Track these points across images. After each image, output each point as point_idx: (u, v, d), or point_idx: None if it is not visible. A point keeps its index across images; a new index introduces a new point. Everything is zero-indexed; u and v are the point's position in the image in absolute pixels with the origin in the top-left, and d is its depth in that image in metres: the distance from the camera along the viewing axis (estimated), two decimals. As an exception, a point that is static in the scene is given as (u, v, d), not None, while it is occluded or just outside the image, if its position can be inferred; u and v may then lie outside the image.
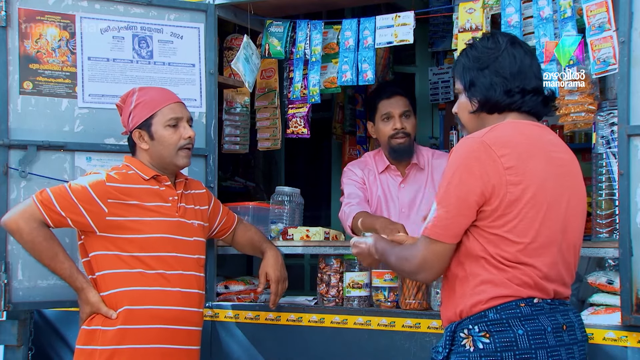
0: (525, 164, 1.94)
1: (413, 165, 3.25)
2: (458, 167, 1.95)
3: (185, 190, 2.73)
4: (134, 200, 2.57)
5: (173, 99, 2.69)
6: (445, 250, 1.98)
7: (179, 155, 2.65)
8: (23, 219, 2.51)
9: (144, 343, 2.53)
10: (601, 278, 2.56)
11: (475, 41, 2.13)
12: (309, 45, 3.27)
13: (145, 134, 2.64)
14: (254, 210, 3.29)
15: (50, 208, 2.51)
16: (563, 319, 1.97)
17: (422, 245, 2.01)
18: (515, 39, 2.11)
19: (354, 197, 3.19)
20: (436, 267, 2.01)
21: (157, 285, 2.55)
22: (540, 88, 2.08)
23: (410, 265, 2.04)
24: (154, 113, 2.63)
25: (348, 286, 2.89)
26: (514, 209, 1.92)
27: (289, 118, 3.36)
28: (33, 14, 2.92)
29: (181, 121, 2.66)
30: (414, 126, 3.25)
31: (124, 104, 2.70)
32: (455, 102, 2.18)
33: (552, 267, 1.97)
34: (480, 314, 1.93)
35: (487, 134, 1.97)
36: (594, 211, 2.63)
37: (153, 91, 2.71)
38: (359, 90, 5.09)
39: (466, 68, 2.09)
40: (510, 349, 1.89)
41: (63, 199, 2.52)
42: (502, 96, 2.04)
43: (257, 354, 2.97)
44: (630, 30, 2.44)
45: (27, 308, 3.02)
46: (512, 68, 2.03)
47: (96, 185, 2.54)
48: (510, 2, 2.75)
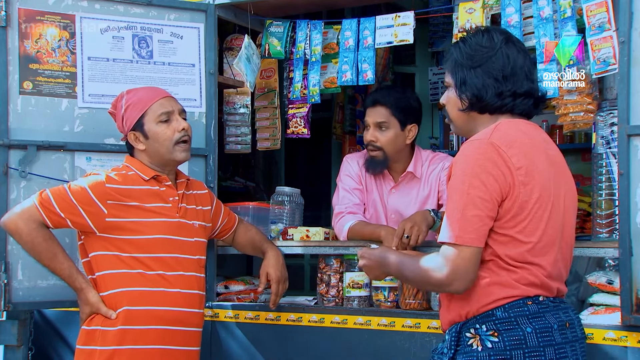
0: (531, 164, 1.94)
1: (408, 173, 3.11)
2: (473, 169, 1.91)
3: (187, 191, 2.72)
4: (133, 202, 2.57)
5: (161, 94, 2.68)
6: (476, 254, 1.90)
7: (177, 150, 2.63)
8: (22, 220, 2.51)
9: (143, 344, 2.53)
10: (601, 278, 2.56)
11: (469, 36, 2.10)
12: (309, 45, 3.27)
13: (139, 134, 2.64)
14: (254, 211, 3.29)
15: (50, 209, 2.51)
16: (565, 316, 1.98)
17: (449, 254, 1.90)
18: (510, 36, 2.08)
19: (346, 202, 3.11)
20: (471, 273, 1.90)
21: (157, 286, 2.55)
22: (532, 91, 2.06)
23: (440, 276, 1.90)
24: (144, 112, 2.62)
25: (348, 286, 2.89)
26: (525, 209, 1.92)
27: (289, 118, 3.36)
28: (33, 14, 2.92)
29: (172, 115, 2.64)
30: (389, 140, 3.02)
31: (116, 110, 2.70)
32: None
33: (554, 265, 1.98)
34: (487, 313, 1.93)
35: (493, 135, 1.95)
36: (594, 211, 2.63)
37: (141, 91, 2.70)
38: (359, 90, 5.10)
39: (458, 64, 2.07)
40: (519, 347, 1.89)
41: (62, 200, 2.52)
42: (494, 98, 2.02)
43: (257, 354, 2.97)
44: (630, 30, 2.44)
45: (27, 308, 3.02)
46: (505, 69, 2.01)
47: (96, 186, 2.54)
48: (510, 2, 2.75)
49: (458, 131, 2.19)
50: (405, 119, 3.04)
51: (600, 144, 2.59)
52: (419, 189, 3.10)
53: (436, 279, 1.92)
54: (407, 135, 3.07)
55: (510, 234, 1.92)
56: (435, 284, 1.95)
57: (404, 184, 3.13)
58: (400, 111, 3.03)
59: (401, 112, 3.03)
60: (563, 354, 1.92)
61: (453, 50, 2.10)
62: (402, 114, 3.03)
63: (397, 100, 3.04)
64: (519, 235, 1.92)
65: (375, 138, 3.04)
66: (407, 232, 2.66)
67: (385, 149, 3.04)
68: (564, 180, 2.05)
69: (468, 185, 1.90)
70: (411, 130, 3.07)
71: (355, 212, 3.08)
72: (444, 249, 1.92)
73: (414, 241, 2.66)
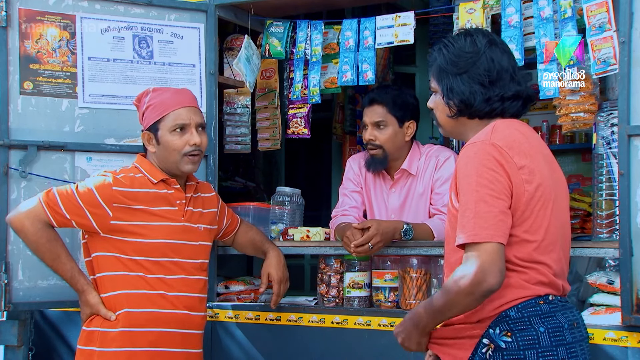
0: (532, 163, 1.94)
1: (403, 170, 3.12)
2: (478, 169, 1.89)
3: (195, 194, 2.70)
4: (139, 205, 2.55)
5: (183, 102, 2.61)
6: (498, 249, 1.82)
7: (184, 161, 2.59)
8: (29, 219, 2.51)
9: (143, 346, 2.52)
10: (601, 278, 2.56)
11: (452, 41, 2.07)
12: (309, 45, 3.27)
13: (152, 137, 2.61)
14: (255, 211, 3.29)
15: (56, 210, 2.51)
16: (572, 315, 1.98)
17: (470, 254, 1.84)
18: (493, 38, 2.06)
19: (343, 205, 3.18)
20: (499, 263, 1.81)
21: (158, 289, 2.54)
22: (519, 92, 2.04)
23: (470, 277, 1.81)
24: (161, 117, 2.58)
25: (348, 286, 2.89)
26: (529, 207, 1.91)
27: (289, 118, 3.36)
28: (33, 14, 2.92)
29: (188, 127, 2.59)
30: (388, 137, 3.03)
31: (139, 104, 2.66)
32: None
33: (558, 262, 1.98)
34: (500, 315, 1.91)
35: (493, 136, 1.94)
36: (594, 211, 2.63)
37: (166, 93, 2.64)
38: (359, 90, 5.09)
39: (442, 70, 2.05)
40: (532, 347, 1.88)
41: (69, 202, 2.52)
42: (482, 104, 2.01)
43: (257, 354, 2.97)
44: (630, 30, 2.44)
45: (27, 308, 3.02)
46: (491, 74, 2.00)
47: (102, 188, 2.53)
48: (510, 2, 2.75)
49: (448, 135, 2.19)
50: (402, 116, 3.06)
51: (600, 144, 2.59)
52: (416, 186, 3.11)
53: (467, 282, 1.81)
54: (406, 133, 3.08)
55: (517, 234, 1.91)
56: (469, 289, 1.82)
57: (402, 182, 3.14)
58: (397, 108, 3.04)
59: (398, 110, 3.04)
60: (573, 353, 1.92)
61: (437, 56, 2.08)
62: (400, 111, 3.05)
63: (393, 98, 3.06)
64: (526, 235, 1.91)
65: (374, 137, 3.06)
66: (372, 243, 2.70)
67: (384, 147, 3.05)
68: (559, 179, 2.06)
69: (475, 184, 1.88)
70: (409, 127, 3.08)
71: (347, 214, 3.12)
72: (465, 254, 1.86)
73: (369, 252, 2.73)
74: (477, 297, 1.83)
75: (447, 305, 1.89)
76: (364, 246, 2.70)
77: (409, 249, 2.81)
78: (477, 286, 1.81)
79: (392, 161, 3.11)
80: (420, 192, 3.09)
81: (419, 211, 3.08)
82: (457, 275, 1.84)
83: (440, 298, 1.90)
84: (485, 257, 1.81)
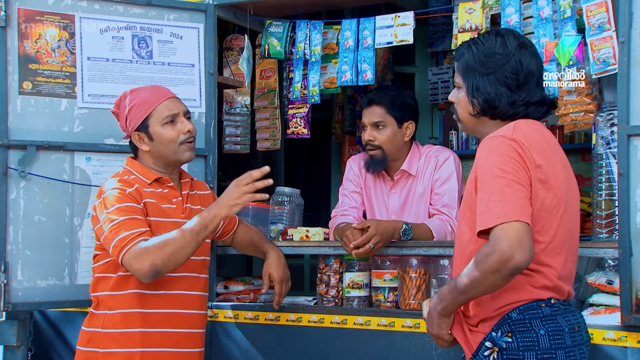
0: (548, 163, 1.94)
1: (403, 171, 3.11)
2: (501, 159, 1.88)
3: (191, 191, 2.71)
4: (148, 199, 2.54)
5: (166, 95, 2.63)
6: (526, 228, 1.80)
7: (181, 150, 2.60)
8: (132, 261, 2.37)
9: (144, 346, 2.51)
10: (601, 278, 2.56)
11: (483, 39, 2.05)
12: (308, 45, 3.27)
13: (144, 135, 2.60)
14: (254, 211, 3.28)
15: (134, 225, 2.40)
16: (574, 319, 1.99)
17: (498, 233, 1.80)
18: (524, 41, 2.05)
19: (342, 205, 3.18)
20: (528, 242, 1.78)
21: (160, 288, 2.54)
22: (544, 98, 2.04)
23: (499, 252, 1.77)
24: (149, 114, 2.58)
25: (348, 286, 2.89)
26: (542, 207, 1.91)
27: (289, 118, 3.36)
28: (32, 14, 2.92)
29: (178, 117, 2.61)
30: (387, 138, 3.03)
31: (119, 110, 2.66)
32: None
33: (564, 266, 1.98)
34: (503, 317, 1.93)
35: (514, 132, 1.93)
36: (593, 211, 2.63)
37: (145, 91, 2.65)
38: (359, 90, 5.09)
39: (470, 68, 2.04)
40: (532, 349, 1.89)
41: (122, 202, 2.44)
42: (507, 107, 2.01)
43: (257, 354, 2.97)
44: (630, 30, 2.44)
45: (27, 308, 3.01)
46: (518, 78, 1.99)
47: (122, 197, 2.47)
48: (510, 2, 2.75)
49: (466, 131, 2.19)
50: (401, 117, 3.05)
51: (600, 144, 2.59)
52: (416, 186, 3.11)
53: (495, 258, 1.77)
54: (405, 133, 3.08)
55: None
56: (496, 266, 1.78)
57: (402, 182, 3.14)
58: (396, 109, 3.04)
59: (397, 110, 3.04)
60: (572, 357, 1.92)
61: (465, 52, 2.07)
62: (399, 111, 3.05)
63: (392, 98, 3.06)
64: (536, 235, 1.90)
65: (373, 137, 3.06)
66: (372, 242, 2.70)
67: (383, 148, 3.05)
68: (572, 184, 2.05)
69: (500, 171, 1.86)
70: (408, 128, 3.08)
71: (347, 215, 3.12)
72: (491, 235, 1.82)
73: (369, 252, 2.72)
74: (503, 275, 1.79)
75: (472, 284, 1.85)
76: (364, 246, 2.70)
77: (408, 249, 2.80)
78: (506, 263, 1.77)
79: (391, 162, 3.10)
80: (420, 193, 3.09)
81: (420, 212, 3.08)
82: (484, 251, 1.81)
83: (465, 276, 1.86)
84: (514, 233, 1.78)
